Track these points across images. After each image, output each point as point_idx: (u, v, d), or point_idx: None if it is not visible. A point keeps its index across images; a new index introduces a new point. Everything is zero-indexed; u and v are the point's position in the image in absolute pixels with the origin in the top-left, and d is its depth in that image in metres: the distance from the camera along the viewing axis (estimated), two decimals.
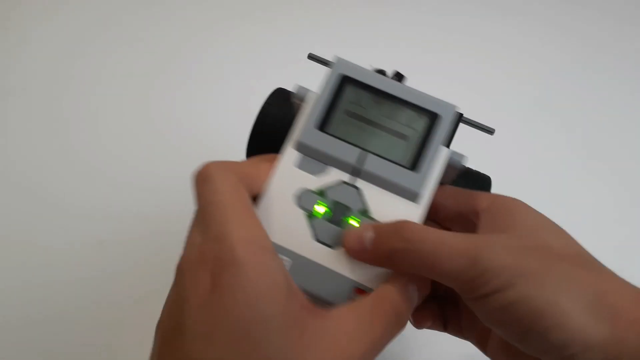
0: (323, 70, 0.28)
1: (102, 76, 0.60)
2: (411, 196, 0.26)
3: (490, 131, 0.29)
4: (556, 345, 0.20)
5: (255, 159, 0.26)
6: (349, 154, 0.26)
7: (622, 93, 0.63)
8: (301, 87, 0.27)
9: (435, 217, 0.28)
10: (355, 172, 0.26)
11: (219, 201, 0.22)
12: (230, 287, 0.19)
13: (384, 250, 0.23)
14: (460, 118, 0.28)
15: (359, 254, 0.24)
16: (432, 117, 0.26)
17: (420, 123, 0.26)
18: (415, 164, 0.26)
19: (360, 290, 0.24)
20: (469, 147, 0.30)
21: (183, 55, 0.62)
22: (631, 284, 0.22)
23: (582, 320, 0.20)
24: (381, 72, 0.31)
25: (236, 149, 0.33)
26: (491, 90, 0.61)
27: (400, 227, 0.23)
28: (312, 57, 0.31)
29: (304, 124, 0.26)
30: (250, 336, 0.19)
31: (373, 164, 0.26)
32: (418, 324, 0.30)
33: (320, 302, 0.26)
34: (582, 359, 0.20)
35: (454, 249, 0.22)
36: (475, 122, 0.29)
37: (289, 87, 0.31)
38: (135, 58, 0.61)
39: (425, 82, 0.32)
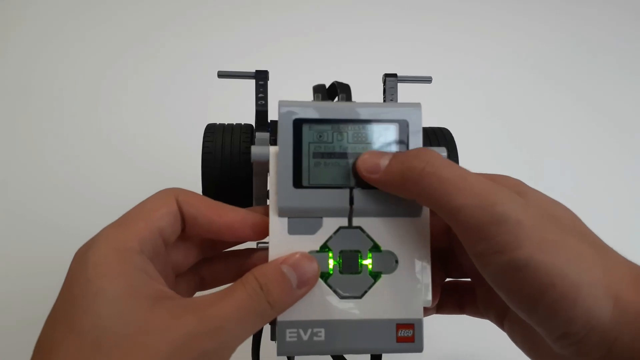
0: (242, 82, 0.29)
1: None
2: (411, 212, 0.25)
3: (427, 80, 0.31)
4: (563, 320, 0.20)
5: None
6: (336, 198, 0.25)
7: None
8: (256, 147, 0.26)
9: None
10: (349, 212, 0.25)
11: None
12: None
13: (400, 169, 0.23)
14: (396, 79, 0.30)
15: (371, 172, 0.24)
16: (400, 125, 0.25)
17: (390, 134, 0.25)
18: None
19: (404, 325, 0.24)
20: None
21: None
22: (633, 263, 0.22)
23: (589, 300, 0.20)
24: (322, 88, 0.30)
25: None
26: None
27: (420, 149, 0.23)
28: (222, 74, 0.29)
29: (278, 187, 0.25)
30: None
31: (363, 197, 0.25)
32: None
33: (374, 354, 0.26)
34: (582, 338, 0.20)
35: (473, 185, 0.21)
36: (410, 77, 0.30)
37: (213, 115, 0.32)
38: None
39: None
